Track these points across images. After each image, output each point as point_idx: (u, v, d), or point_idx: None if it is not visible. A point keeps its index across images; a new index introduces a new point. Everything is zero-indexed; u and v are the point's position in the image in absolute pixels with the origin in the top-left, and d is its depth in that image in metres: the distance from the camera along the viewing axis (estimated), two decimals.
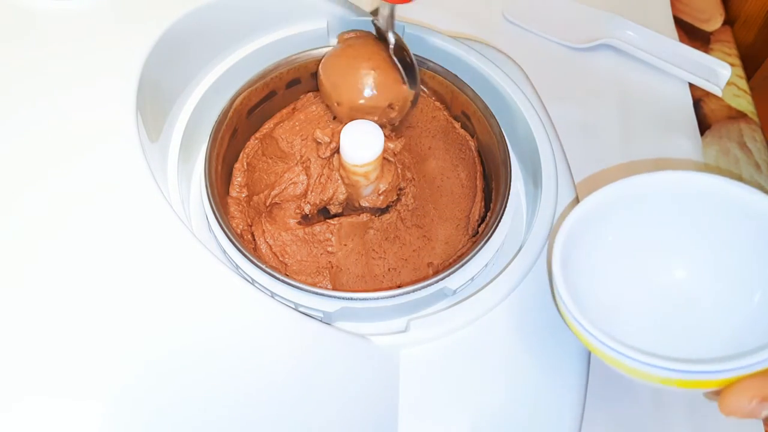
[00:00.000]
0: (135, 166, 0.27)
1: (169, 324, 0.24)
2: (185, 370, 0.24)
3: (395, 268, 0.32)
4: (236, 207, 0.33)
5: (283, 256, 0.32)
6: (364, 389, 0.26)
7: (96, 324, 0.23)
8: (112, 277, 0.25)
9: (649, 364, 0.22)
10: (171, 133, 0.33)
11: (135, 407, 0.22)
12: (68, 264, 0.24)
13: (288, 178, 0.33)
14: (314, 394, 0.25)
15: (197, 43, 0.33)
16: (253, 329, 0.25)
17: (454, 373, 0.27)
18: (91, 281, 0.24)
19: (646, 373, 0.22)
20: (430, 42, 0.36)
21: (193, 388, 0.23)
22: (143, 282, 0.25)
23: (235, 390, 0.24)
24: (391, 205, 0.33)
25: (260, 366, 0.25)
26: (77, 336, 0.23)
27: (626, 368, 0.23)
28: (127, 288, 0.24)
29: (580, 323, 0.24)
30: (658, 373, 0.22)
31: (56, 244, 0.25)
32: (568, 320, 0.25)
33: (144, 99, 0.29)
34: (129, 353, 0.23)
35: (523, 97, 0.34)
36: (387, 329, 0.30)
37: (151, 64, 0.30)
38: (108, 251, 0.25)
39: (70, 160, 0.27)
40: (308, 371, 0.25)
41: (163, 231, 0.26)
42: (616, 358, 0.23)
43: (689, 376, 0.21)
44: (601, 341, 0.23)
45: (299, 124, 0.35)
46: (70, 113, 0.28)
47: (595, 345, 0.24)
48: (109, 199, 0.26)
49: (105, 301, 0.24)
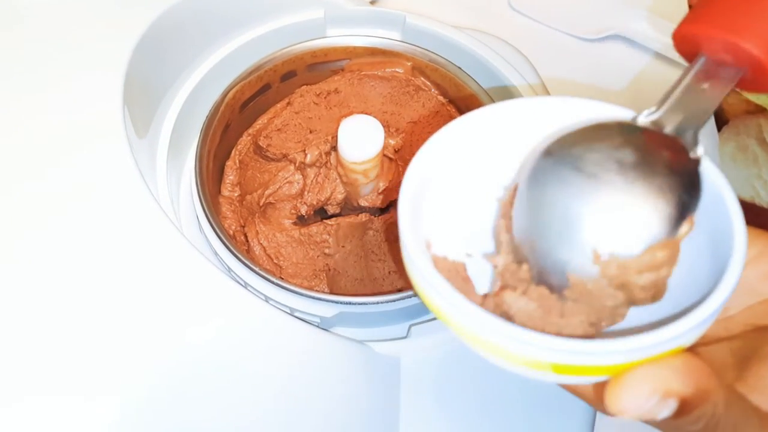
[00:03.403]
0: (122, 164, 0.27)
1: (156, 330, 0.24)
2: (173, 380, 0.24)
3: (396, 270, 0.32)
4: (228, 207, 0.33)
5: (278, 259, 0.32)
6: (363, 399, 0.27)
7: (79, 330, 0.24)
8: (97, 280, 0.25)
9: (509, 335, 0.16)
10: (160, 128, 0.33)
11: (113, 418, 0.23)
12: (50, 267, 0.25)
13: (283, 177, 0.33)
14: (310, 404, 0.25)
15: (187, 34, 0.33)
16: (246, 335, 0.25)
17: (458, 382, 0.27)
18: (75, 285, 0.24)
19: (506, 349, 0.17)
20: (433, 33, 0.37)
21: (181, 399, 0.24)
22: (130, 285, 0.25)
23: (226, 400, 0.24)
24: (392, 204, 0.33)
25: (253, 374, 0.25)
26: (59, 341, 0.23)
27: (483, 343, 0.17)
28: (113, 292, 0.25)
29: (415, 263, 0.18)
30: (524, 350, 0.17)
31: (38, 245, 0.25)
32: (407, 266, 0.19)
33: (131, 93, 0.30)
34: (112, 360, 0.23)
35: (531, 91, 0.35)
36: (387, 335, 0.30)
37: (138, 56, 0.30)
38: (93, 253, 0.25)
39: (54, 158, 0.27)
40: (304, 380, 0.26)
41: (152, 232, 0.26)
42: (466, 326, 0.17)
43: (566, 356, 0.16)
44: (443, 295, 0.17)
45: (294, 119, 0.35)
46: (54, 108, 0.28)
47: (436, 302, 0.18)
48: (95, 199, 0.26)
49: (89, 306, 0.24)
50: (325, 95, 0.36)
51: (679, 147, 0.19)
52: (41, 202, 0.26)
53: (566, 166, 0.19)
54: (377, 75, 0.37)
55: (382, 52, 0.36)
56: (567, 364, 0.17)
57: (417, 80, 0.37)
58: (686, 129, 0.19)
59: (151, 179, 0.31)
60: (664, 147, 0.19)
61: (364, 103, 0.37)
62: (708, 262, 0.19)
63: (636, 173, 0.18)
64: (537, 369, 0.17)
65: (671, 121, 0.20)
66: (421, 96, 0.37)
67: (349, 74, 0.37)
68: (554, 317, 0.19)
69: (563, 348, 0.16)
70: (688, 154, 0.19)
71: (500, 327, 0.17)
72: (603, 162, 0.19)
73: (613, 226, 0.18)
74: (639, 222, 0.18)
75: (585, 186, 0.18)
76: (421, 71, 0.37)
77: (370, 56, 0.36)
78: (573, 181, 0.19)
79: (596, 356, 0.16)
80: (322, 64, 0.36)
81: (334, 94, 0.36)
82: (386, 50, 0.36)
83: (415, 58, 0.36)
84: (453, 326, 0.18)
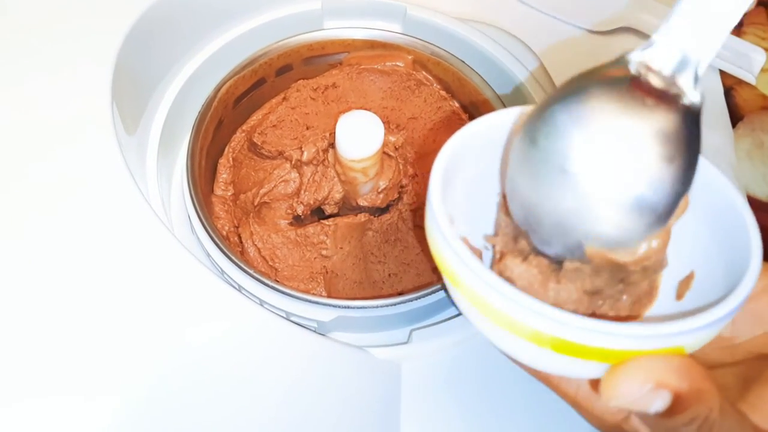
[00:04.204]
0: (110, 161, 0.27)
1: (147, 336, 0.24)
2: (160, 390, 0.23)
3: (396, 273, 0.32)
4: (221, 206, 0.33)
5: (273, 261, 0.32)
6: (362, 406, 0.26)
7: (59, 335, 0.23)
8: (82, 284, 0.25)
9: (515, 300, 0.17)
10: (150, 125, 0.33)
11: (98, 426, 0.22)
12: (33, 271, 0.24)
13: (278, 175, 0.33)
14: (306, 414, 0.25)
15: (179, 26, 0.33)
16: (240, 341, 0.25)
17: (461, 389, 0.27)
18: (59, 288, 0.24)
19: (510, 316, 0.18)
20: (435, 25, 0.36)
21: (168, 410, 0.23)
22: (118, 289, 0.25)
23: (217, 411, 0.24)
24: (392, 204, 0.33)
25: (247, 383, 0.25)
26: (38, 346, 0.23)
27: (490, 310, 0.18)
28: (100, 296, 0.24)
29: (437, 221, 0.19)
30: (528, 318, 0.17)
31: (21, 248, 0.25)
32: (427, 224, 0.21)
33: (120, 87, 0.29)
34: (94, 368, 0.23)
35: (537, 85, 0.35)
36: (387, 340, 0.30)
37: (127, 49, 0.30)
38: (80, 256, 0.25)
39: (39, 156, 0.27)
40: (300, 388, 0.25)
41: (141, 233, 0.26)
42: (479, 290, 0.18)
43: (569, 332, 0.17)
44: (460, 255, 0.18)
45: (290, 115, 0.35)
46: (39, 104, 0.28)
47: (452, 262, 0.19)
48: (82, 198, 0.26)
49: (72, 310, 0.24)
50: (323, 90, 0.36)
51: (674, 101, 0.17)
52: (25, 202, 0.26)
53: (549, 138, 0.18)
54: (377, 69, 0.37)
55: (381, 44, 0.36)
56: (566, 340, 0.17)
57: (418, 74, 0.37)
58: (687, 63, 0.17)
59: (141, 178, 0.31)
60: (655, 107, 0.17)
61: (363, 98, 0.37)
62: (721, 272, 0.20)
63: (620, 149, 0.18)
64: (538, 344, 0.18)
65: (669, 55, 0.17)
66: (422, 91, 0.37)
67: (347, 68, 0.37)
68: (552, 283, 0.21)
69: (565, 320, 0.17)
70: (681, 106, 0.17)
71: (508, 291, 0.17)
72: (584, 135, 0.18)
73: (598, 220, 0.19)
74: (625, 217, 0.18)
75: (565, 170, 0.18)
76: (422, 65, 0.37)
77: (370, 49, 0.36)
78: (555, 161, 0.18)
79: (596, 335, 0.17)
80: (319, 58, 0.36)
81: (332, 88, 0.36)
82: (386, 43, 0.36)
83: (416, 51, 0.36)
84: (464, 290, 0.19)
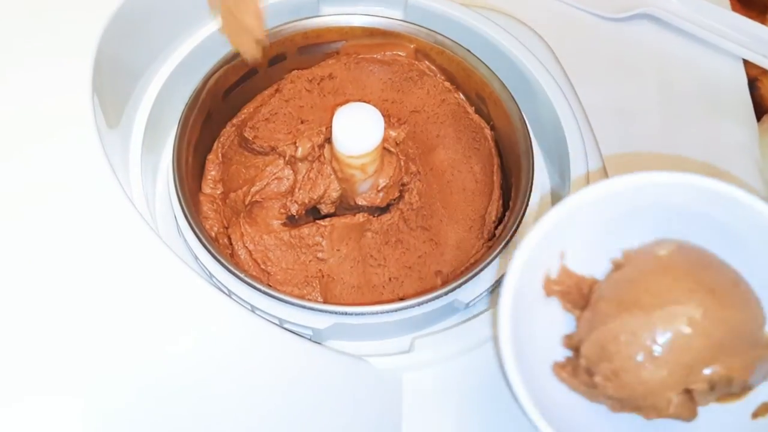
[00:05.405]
0: (91, 157, 0.27)
1: (130, 343, 0.24)
2: (146, 399, 0.24)
3: (397, 277, 0.32)
4: (210, 206, 0.33)
5: (266, 264, 0.32)
6: (360, 420, 0.26)
7: (36, 342, 0.24)
8: (61, 287, 0.25)
9: None
10: (134, 117, 0.33)
11: None
12: (8, 273, 0.24)
13: (271, 173, 0.33)
14: (302, 427, 0.25)
15: (164, 13, 0.33)
16: (231, 350, 0.25)
17: (467, 402, 0.27)
18: (36, 292, 0.24)
19: None
20: (439, 11, 0.36)
21: (153, 420, 0.23)
22: (99, 293, 0.25)
23: (207, 422, 0.24)
24: (393, 203, 0.33)
25: (238, 393, 0.25)
26: (14, 352, 0.23)
27: None
28: (80, 300, 0.24)
29: None
30: None
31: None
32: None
33: (101, 78, 0.29)
34: (75, 375, 0.23)
35: (548, 76, 0.35)
36: (388, 349, 0.30)
37: (109, 37, 0.30)
38: (58, 258, 0.25)
39: (16, 150, 0.27)
40: (295, 398, 0.25)
41: (124, 233, 0.26)
42: None
43: None
44: None
45: (284, 107, 0.35)
46: (16, 96, 0.28)
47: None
48: (61, 197, 0.26)
49: (50, 315, 0.24)
50: (318, 81, 0.36)
51: None
52: (1, 198, 0.26)
53: None
54: (376, 59, 0.37)
55: (381, 33, 0.36)
56: None
57: (421, 64, 0.37)
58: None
59: (124, 175, 0.31)
60: None
61: (362, 89, 0.36)
62: None
63: None
64: None
65: None
66: (425, 82, 0.37)
67: (345, 58, 0.37)
68: None
69: None
70: None
71: None
72: None
73: None
74: None
75: None
76: (425, 54, 0.36)
77: (369, 38, 0.36)
78: None
79: None
80: (314, 47, 0.36)
81: (329, 79, 0.36)
82: (386, 31, 0.36)
83: (418, 39, 0.36)
84: None
